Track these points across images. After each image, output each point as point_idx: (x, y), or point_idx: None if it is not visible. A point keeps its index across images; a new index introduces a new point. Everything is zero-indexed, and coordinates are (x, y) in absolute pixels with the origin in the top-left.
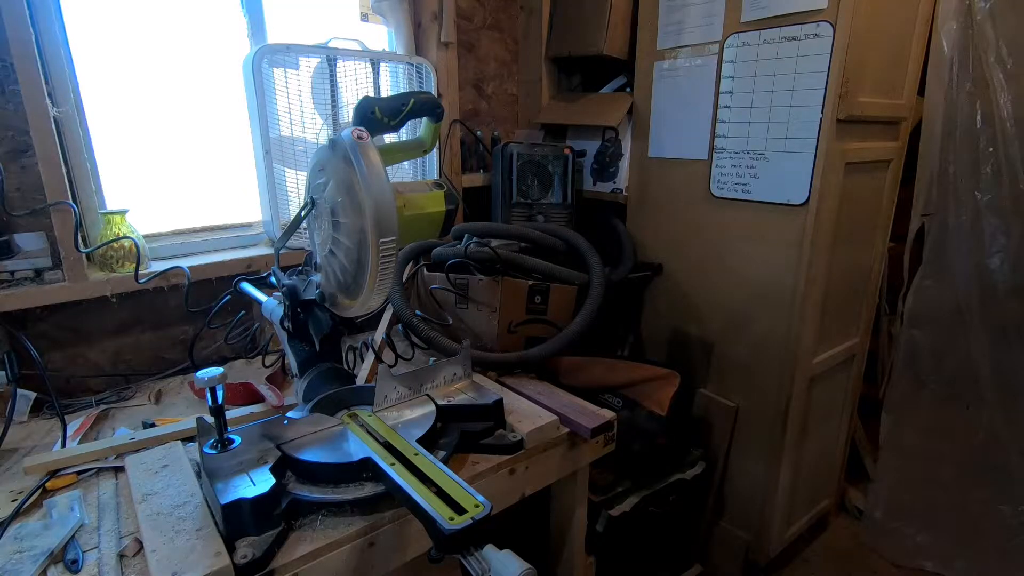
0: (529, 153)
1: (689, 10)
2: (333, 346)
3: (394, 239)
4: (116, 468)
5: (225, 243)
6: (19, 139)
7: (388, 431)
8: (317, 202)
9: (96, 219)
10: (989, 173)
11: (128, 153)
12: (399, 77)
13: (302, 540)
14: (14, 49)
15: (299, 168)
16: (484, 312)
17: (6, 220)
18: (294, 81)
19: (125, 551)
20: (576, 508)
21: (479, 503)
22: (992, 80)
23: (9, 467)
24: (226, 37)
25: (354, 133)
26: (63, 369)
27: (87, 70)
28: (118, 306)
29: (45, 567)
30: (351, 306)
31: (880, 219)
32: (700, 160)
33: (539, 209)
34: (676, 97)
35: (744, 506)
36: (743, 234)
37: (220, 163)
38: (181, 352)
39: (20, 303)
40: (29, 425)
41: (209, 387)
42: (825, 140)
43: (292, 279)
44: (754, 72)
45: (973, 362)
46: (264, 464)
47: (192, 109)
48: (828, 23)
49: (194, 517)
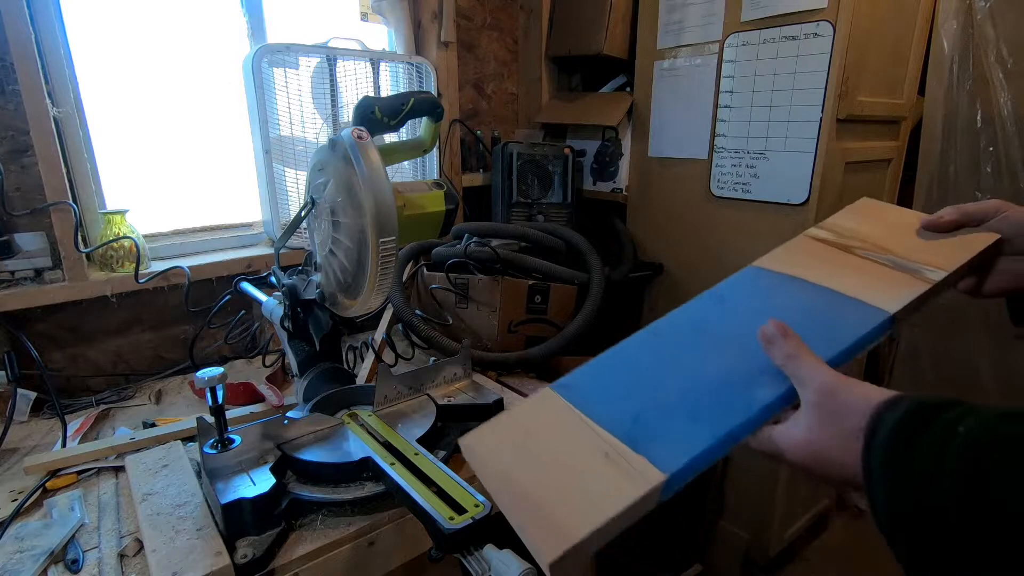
0: (529, 153)
1: (689, 9)
2: (333, 346)
3: (394, 239)
4: (116, 468)
5: (225, 243)
6: (19, 139)
7: (388, 431)
8: (317, 202)
9: (96, 219)
10: (989, 172)
11: (128, 153)
12: (399, 77)
13: (302, 540)
14: (14, 49)
15: (299, 168)
16: (484, 312)
17: (6, 220)
18: (294, 81)
19: (125, 551)
20: None
21: (479, 503)
22: (992, 79)
23: (9, 467)
24: (226, 37)
25: (354, 133)
26: (63, 369)
27: (87, 70)
28: (118, 306)
29: (45, 567)
30: (351, 306)
31: None
32: (700, 159)
33: (539, 209)
34: (676, 96)
35: (744, 505)
36: (743, 233)
37: (220, 163)
38: (181, 352)
39: (20, 303)
40: (29, 425)
41: (209, 387)
42: (825, 139)
43: (292, 279)
44: (754, 71)
45: (973, 362)
46: (264, 464)
47: (192, 109)
48: (828, 22)
49: (194, 517)
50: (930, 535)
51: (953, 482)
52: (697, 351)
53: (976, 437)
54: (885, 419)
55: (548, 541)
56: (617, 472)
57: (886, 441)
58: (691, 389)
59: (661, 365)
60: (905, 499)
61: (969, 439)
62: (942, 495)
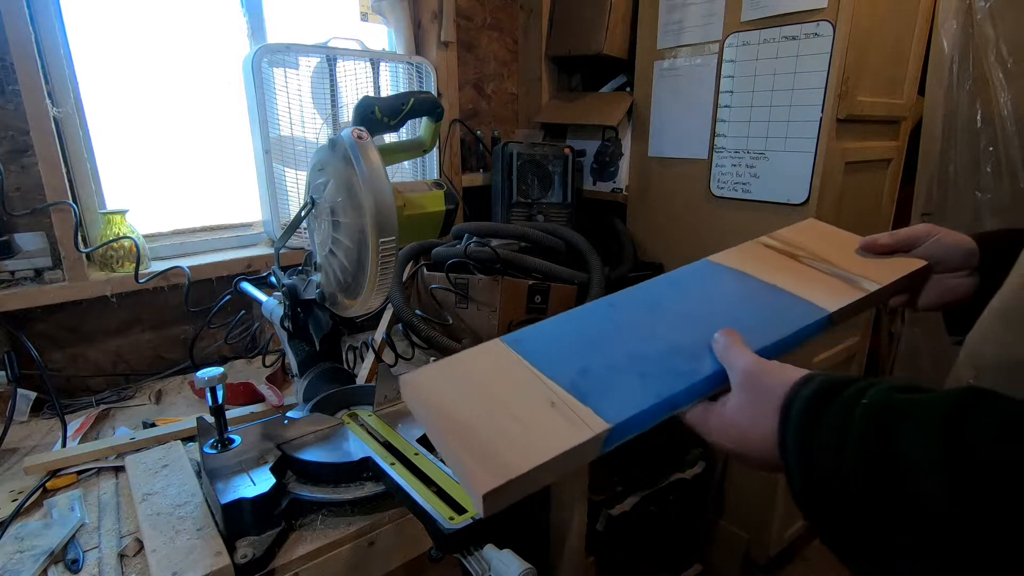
0: (529, 153)
1: (689, 9)
2: (333, 346)
3: (394, 239)
4: (116, 468)
5: (225, 243)
6: (19, 139)
7: (388, 431)
8: (317, 202)
9: (96, 219)
10: (989, 172)
11: (128, 153)
12: (399, 77)
13: (302, 540)
14: (14, 49)
15: (299, 168)
16: (484, 311)
17: (6, 220)
18: (294, 81)
19: (125, 551)
20: (576, 508)
21: None
22: (992, 79)
23: (9, 467)
24: (226, 37)
25: (354, 133)
26: (63, 369)
27: (87, 70)
28: (118, 306)
29: (45, 567)
30: (351, 306)
31: (880, 218)
32: (700, 159)
33: (539, 209)
34: (676, 96)
35: (744, 505)
36: (743, 233)
37: (220, 163)
38: (181, 352)
39: (20, 303)
40: (29, 425)
41: (209, 387)
42: (825, 139)
43: (292, 279)
44: (754, 71)
45: None
46: (264, 464)
47: (192, 109)
48: (828, 22)
49: (194, 517)
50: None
51: (856, 451)
52: (649, 322)
53: (875, 405)
54: (798, 396)
55: (485, 473)
56: (562, 418)
57: (798, 416)
58: (640, 353)
59: (613, 330)
60: (815, 470)
61: (869, 408)
62: (846, 463)
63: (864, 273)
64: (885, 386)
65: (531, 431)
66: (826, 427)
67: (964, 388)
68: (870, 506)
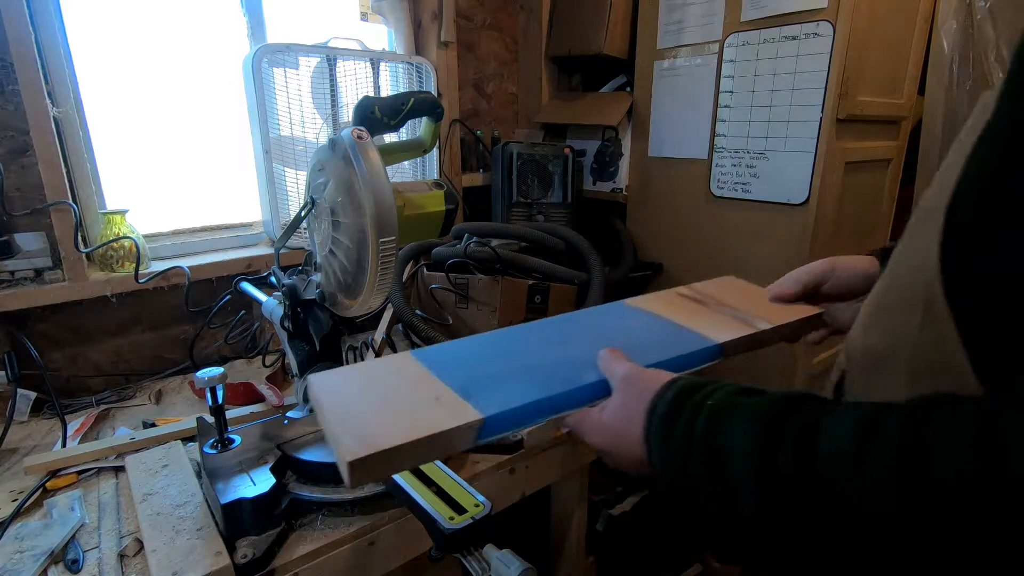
0: (529, 153)
1: (689, 9)
2: (333, 346)
3: (394, 239)
4: (116, 468)
5: (225, 243)
6: (19, 139)
7: None
8: (317, 202)
9: (96, 219)
10: None
11: (128, 153)
12: (399, 77)
13: (302, 540)
14: (14, 49)
15: (299, 168)
16: (484, 312)
17: (6, 220)
18: (294, 81)
19: (125, 551)
20: (576, 508)
21: (479, 503)
22: (992, 79)
23: (9, 467)
24: (226, 37)
25: (354, 133)
26: (63, 369)
27: (87, 70)
28: (118, 306)
29: (46, 567)
30: (351, 306)
31: (880, 218)
32: (700, 159)
33: (539, 209)
34: (676, 96)
35: None
36: (743, 233)
37: (220, 163)
38: (181, 352)
39: (20, 303)
40: (29, 425)
41: (209, 387)
42: (825, 139)
43: (292, 279)
44: (754, 71)
45: None
46: (264, 464)
47: (192, 109)
48: (828, 22)
49: (194, 517)
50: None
51: (699, 447)
52: (548, 343)
53: (717, 406)
54: (662, 399)
55: (354, 443)
56: (441, 409)
57: (659, 419)
58: (532, 366)
59: (513, 349)
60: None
61: (712, 411)
62: (691, 460)
63: (761, 315)
64: (731, 389)
65: (409, 417)
66: (676, 434)
67: (787, 395)
68: (708, 497)
